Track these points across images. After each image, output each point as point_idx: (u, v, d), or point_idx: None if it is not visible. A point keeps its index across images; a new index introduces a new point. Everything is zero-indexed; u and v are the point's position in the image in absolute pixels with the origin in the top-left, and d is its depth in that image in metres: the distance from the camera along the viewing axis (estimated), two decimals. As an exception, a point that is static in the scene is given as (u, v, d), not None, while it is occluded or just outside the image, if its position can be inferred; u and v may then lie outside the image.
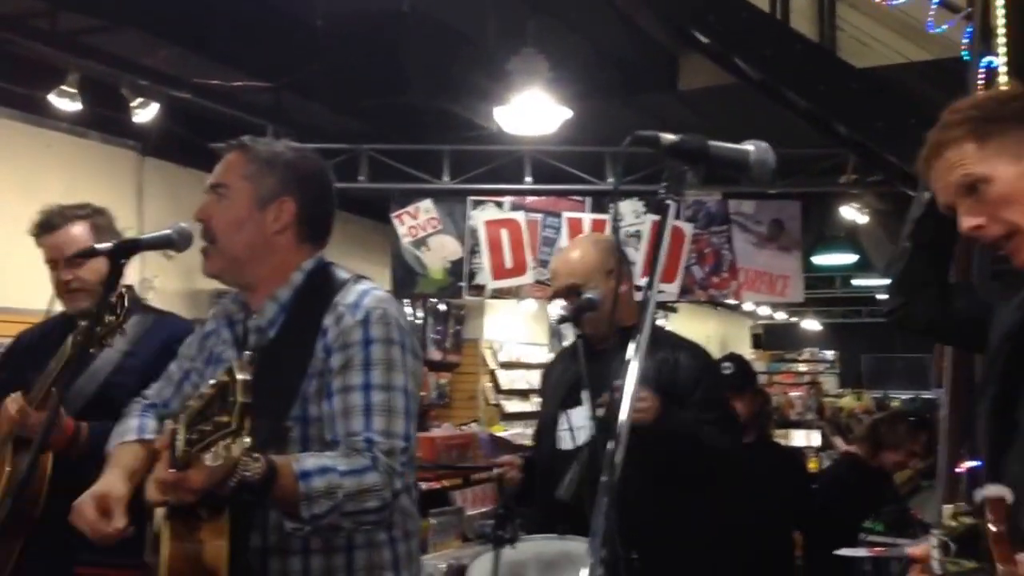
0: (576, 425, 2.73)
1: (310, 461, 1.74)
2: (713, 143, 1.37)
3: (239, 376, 1.55)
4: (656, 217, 6.49)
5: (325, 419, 1.85)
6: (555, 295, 2.90)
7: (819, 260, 9.94)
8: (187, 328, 2.43)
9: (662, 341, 2.81)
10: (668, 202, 1.35)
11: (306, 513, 1.70)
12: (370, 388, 1.82)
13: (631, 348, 1.32)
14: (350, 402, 1.82)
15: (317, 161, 2.03)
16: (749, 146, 1.40)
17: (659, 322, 6.91)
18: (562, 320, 2.83)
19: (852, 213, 8.00)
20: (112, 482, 1.89)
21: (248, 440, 1.54)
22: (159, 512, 1.80)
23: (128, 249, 1.86)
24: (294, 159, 1.98)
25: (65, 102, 5.72)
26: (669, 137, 1.35)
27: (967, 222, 1.52)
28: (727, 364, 4.36)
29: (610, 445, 1.30)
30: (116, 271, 1.83)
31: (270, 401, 1.77)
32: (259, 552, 1.85)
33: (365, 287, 1.93)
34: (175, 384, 2.09)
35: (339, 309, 1.88)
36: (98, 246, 1.83)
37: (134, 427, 2.02)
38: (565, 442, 2.77)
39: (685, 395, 2.70)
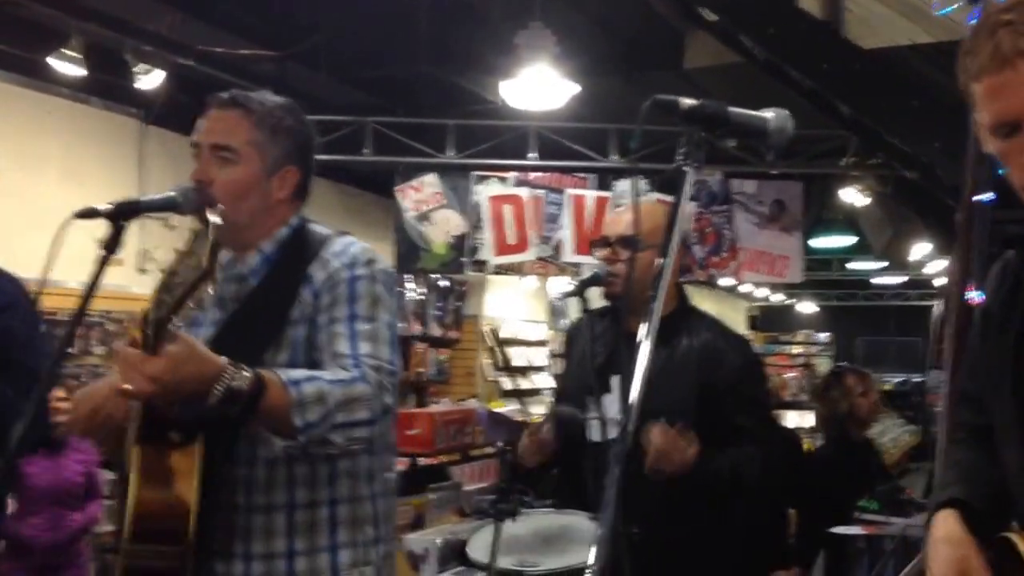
0: (608, 415, 2.57)
1: (297, 372, 1.73)
2: (733, 109, 1.36)
3: (212, 219, 1.56)
4: (660, 195, 6.48)
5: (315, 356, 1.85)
6: (603, 243, 2.67)
7: (816, 243, 9.93)
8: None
9: (705, 325, 2.66)
10: (686, 169, 1.33)
11: (299, 421, 1.68)
12: (356, 318, 1.84)
13: (642, 328, 1.28)
14: (336, 331, 1.83)
15: (307, 121, 2.04)
16: (768, 113, 1.39)
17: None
18: (567, 295, 2.74)
19: (851, 195, 7.98)
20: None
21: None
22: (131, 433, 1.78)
23: (129, 210, 1.77)
24: (294, 126, 1.97)
25: (66, 66, 5.64)
26: (688, 101, 1.34)
27: None
28: None
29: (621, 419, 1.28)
30: (117, 233, 1.75)
31: (248, 345, 1.78)
32: (244, 510, 1.85)
33: (351, 239, 1.96)
34: None
35: (326, 257, 1.90)
36: (99, 207, 1.75)
37: None
38: (594, 432, 2.60)
39: (725, 390, 2.55)
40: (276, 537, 1.85)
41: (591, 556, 1.18)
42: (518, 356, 11.03)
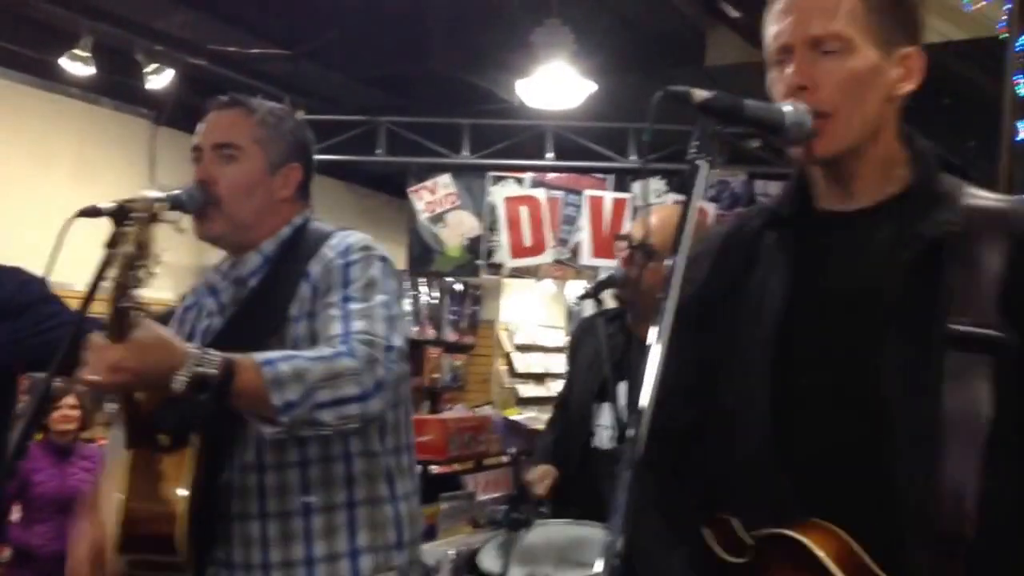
0: (613, 423, 2.55)
1: (274, 352, 1.67)
2: (749, 101, 1.30)
3: (148, 194, 1.56)
4: (678, 196, 6.36)
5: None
6: (626, 240, 2.63)
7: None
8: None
9: None
10: (698, 163, 1.26)
11: (278, 400, 1.60)
12: (349, 300, 1.78)
13: (652, 332, 1.21)
14: (330, 314, 1.78)
15: (306, 125, 2.06)
16: (787, 106, 1.32)
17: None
18: (583, 297, 2.71)
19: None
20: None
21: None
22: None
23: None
24: (294, 124, 1.99)
25: (77, 66, 5.61)
26: (701, 92, 1.28)
27: (795, 78, 1.33)
28: None
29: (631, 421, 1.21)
30: (120, 232, 1.69)
31: (248, 345, 1.72)
32: (258, 518, 1.81)
33: (349, 231, 1.93)
34: None
35: (323, 252, 1.87)
36: (101, 205, 1.71)
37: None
38: (602, 440, 2.60)
39: None
40: (294, 544, 1.81)
41: (599, 564, 1.13)
42: (535, 362, 10.91)
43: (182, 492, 1.66)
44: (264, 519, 1.81)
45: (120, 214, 1.69)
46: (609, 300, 2.69)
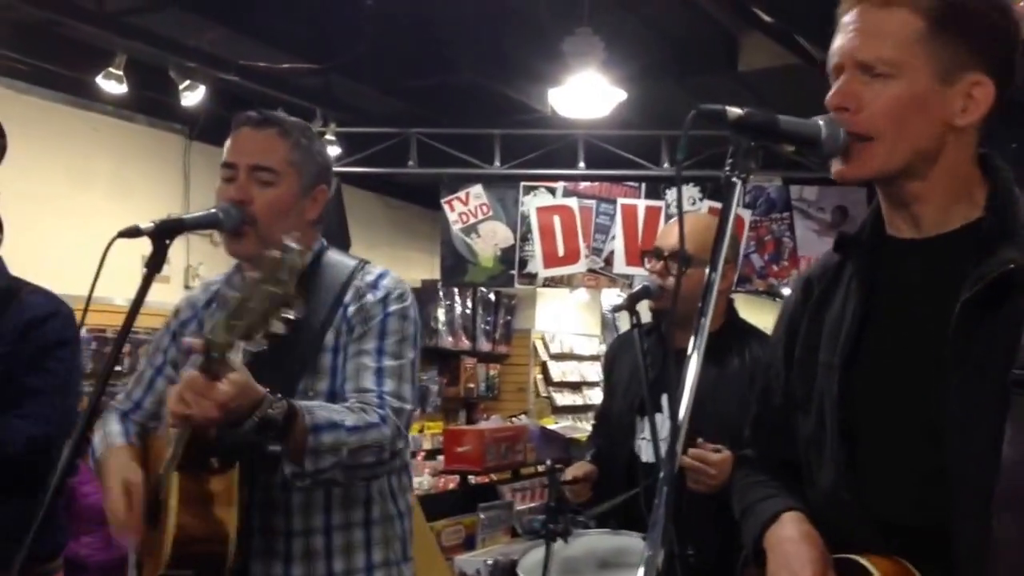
0: (660, 436, 2.52)
1: (321, 414, 1.77)
2: (783, 117, 1.29)
3: (290, 244, 1.56)
4: (713, 203, 6.30)
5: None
6: (655, 254, 2.62)
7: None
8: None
9: (750, 338, 2.63)
10: (734, 180, 1.26)
11: (311, 467, 1.74)
12: (383, 353, 1.90)
13: (691, 342, 1.22)
14: (363, 363, 1.88)
15: (325, 144, 2.18)
16: (820, 120, 1.32)
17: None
18: (618, 309, 2.71)
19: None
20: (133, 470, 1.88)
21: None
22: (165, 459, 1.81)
23: (172, 229, 1.80)
24: (321, 146, 2.04)
25: (112, 84, 5.67)
26: (735, 111, 1.27)
27: (837, 99, 1.31)
28: None
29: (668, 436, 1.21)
30: (160, 251, 1.77)
31: (283, 373, 1.83)
32: (283, 534, 1.89)
33: (381, 269, 2.01)
34: (146, 384, 2.10)
35: (360, 288, 1.95)
36: (141, 225, 1.76)
37: (118, 431, 2.02)
38: (645, 452, 2.60)
39: None
40: (315, 560, 1.89)
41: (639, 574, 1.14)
42: (571, 370, 10.86)
43: (233, 512, 1.74)
44: (289, 535, 1.89)
45: (159, 234, 1.74)
46: (645, 311, 2.66)
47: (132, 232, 1.73)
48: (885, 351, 1.32)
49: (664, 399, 2.55)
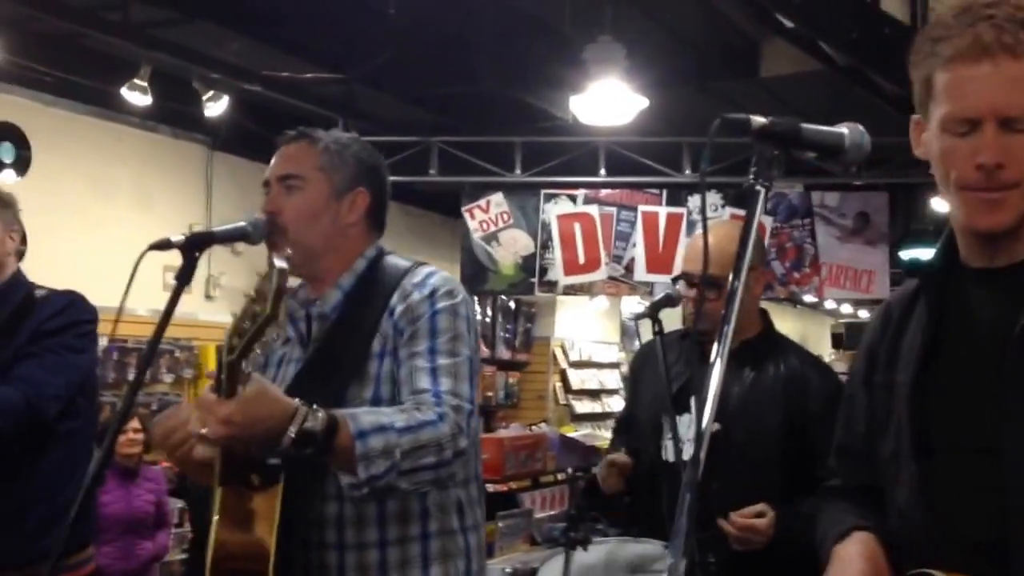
0: (684, 436, 2.52)
1: (366, 419, 1.70)
2: (806, 125, 1.29)
3: (278, 263, 1.54)
4: (735, 210, 6.27)
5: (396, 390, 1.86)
6: (687, 279, 2.61)
7: (907, 255, 9.59)
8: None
9: (786, 350, 2.62)
10: (758, 188, 1.26)
11: (364, 474, 1.67)
12: (436, 352, 1.82)
13: (714, 349, 1.22)
14: (417, 365, 1.81)
15: (375, 150, 2.07)
16: (843, 128, 1.31)
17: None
18: (639, 317, 2.67)
19: (942, 205, 7.63)
20: None
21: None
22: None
23: (202, 241, 1.80)
24: (360, 149, 2.00)
25: (136, 95, 5.70)
26: (759, 119, 1.27)
27: (992, 157, 1.27)
28: None
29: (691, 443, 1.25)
30: (190, 264, 1.77)
31: (331, 382, 1.78)
32: (336, 548, 1.84)
33: (431, 269, 1.95)
34: None
35: (407, 288, 1.89)
36: (172, 238, 1.75)
37: None
38: (669, 452, 2.58)
39: (811, 424, 2.47)
40: (369, 575, 1.84)
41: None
42: (590, 378, 10.83)
43: (273, 531, 1.71)
44: (342, 549, 1.84)
45: (189, 247, 1.74)
46: (666, 319, 2.65)
47: (163, 244, 1.73)
48: (954, 372, 1.35)
49: (693, 401, 2.54)
